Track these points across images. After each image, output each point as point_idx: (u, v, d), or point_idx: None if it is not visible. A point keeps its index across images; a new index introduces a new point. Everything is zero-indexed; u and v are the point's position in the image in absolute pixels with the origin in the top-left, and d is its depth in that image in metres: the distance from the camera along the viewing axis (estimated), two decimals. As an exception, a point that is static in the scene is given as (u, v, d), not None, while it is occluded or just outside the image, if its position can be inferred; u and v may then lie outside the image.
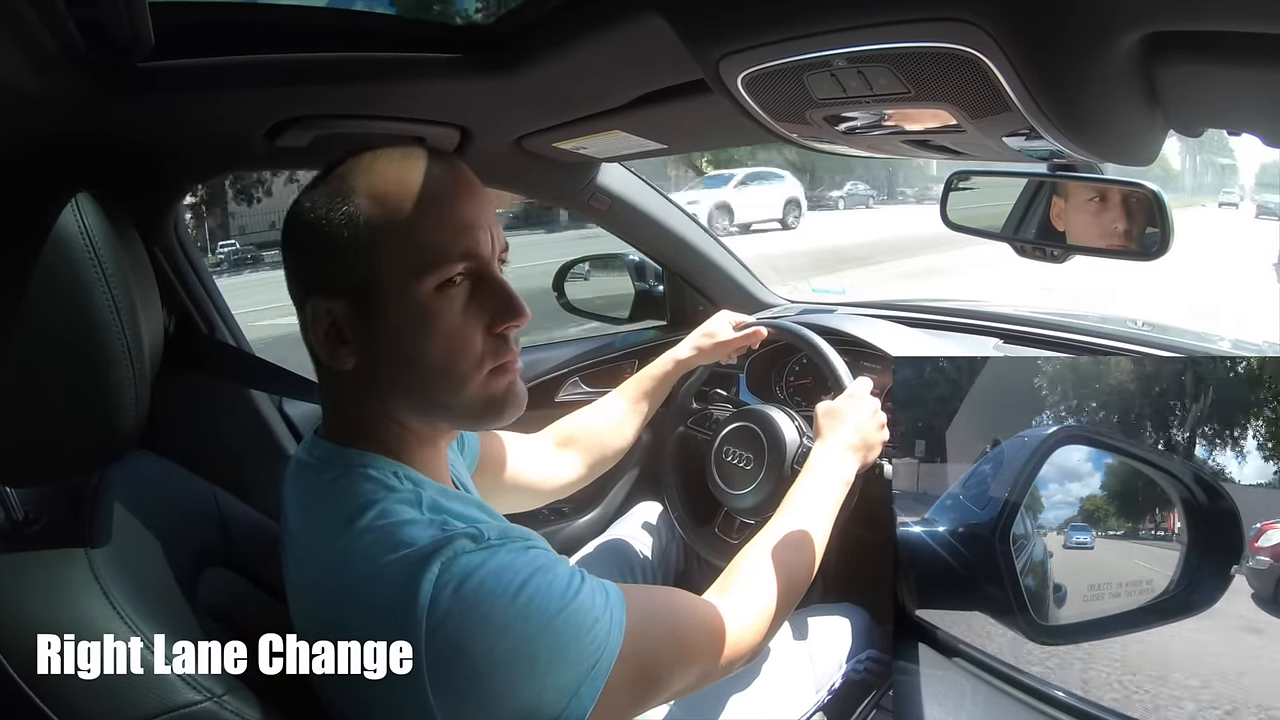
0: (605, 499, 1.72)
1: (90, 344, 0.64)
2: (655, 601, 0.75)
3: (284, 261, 0.71)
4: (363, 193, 0.66)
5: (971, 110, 0.67)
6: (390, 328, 0.66)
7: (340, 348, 0.68)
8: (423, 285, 0.65)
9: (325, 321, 0.67)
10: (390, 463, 0.69)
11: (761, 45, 0.68)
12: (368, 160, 0.68)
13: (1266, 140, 0.73)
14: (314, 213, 0.67)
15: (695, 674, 0.75)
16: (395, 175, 0.67)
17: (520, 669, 0.60)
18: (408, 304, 0.66)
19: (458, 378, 0.68)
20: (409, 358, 0.67)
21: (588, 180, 1.47)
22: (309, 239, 0.67)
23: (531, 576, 0.62)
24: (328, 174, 0.69)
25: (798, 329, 1.30)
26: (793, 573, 0.89)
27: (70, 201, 0.63)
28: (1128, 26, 0.54)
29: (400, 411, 0.70)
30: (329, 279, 0.67)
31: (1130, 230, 0.97)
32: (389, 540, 0.62)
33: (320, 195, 0.67)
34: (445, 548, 0.60)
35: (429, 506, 0.66)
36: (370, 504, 0.64)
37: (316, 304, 0.67)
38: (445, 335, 0.67)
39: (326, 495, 0.68)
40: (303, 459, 0.73)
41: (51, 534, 0.65)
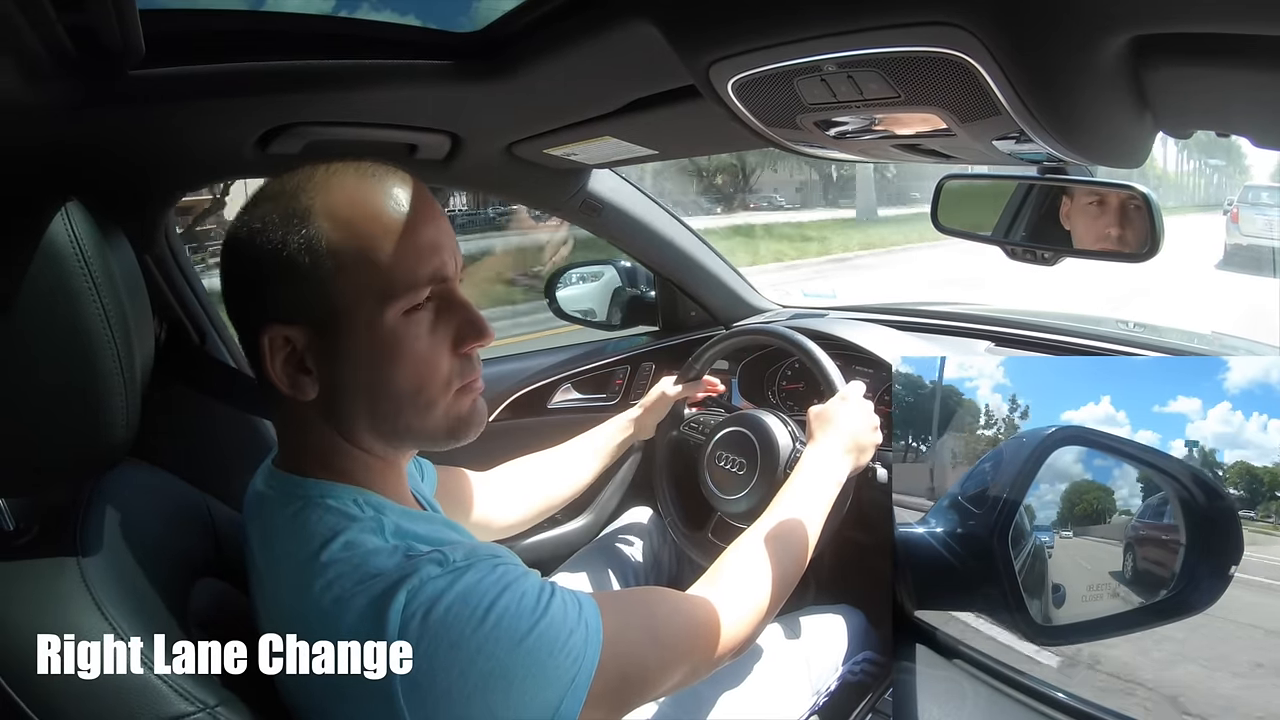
0: (597, 504, 1.72)
1: (81, 353, 0.63)
2: (631, 605, 0.75)
3: (228, 288, 0.67)
4: (321, 214, 0.63)
5: (961, 114, 0.67)
6: (356, 355, 0.65)
7: (302, 377, 0.66)
8: (391, 311, 0.64)
9: (284, 351, 0.65)
10: (351, 489, 0.67)
11: (751, 51, 0.68)
12: (321, 178, 0.65)
13: (1256, 141, 0.73)
14: (265, 236, 0.63)
15: (681, 671, 0.75)
16: (355, 196, 0.64)
17: (496, 694, 0.59)
18: (375, 330, 0.64)
19: (425, 401, 0.68)
20: (376, 384, 0.66)
21: (579, 186, 1.47)
22: (262, 266, 0.64)
23: (499, 597, 0.61)
24: (274, 193, 0.66)
25: (790, 334, 1.30)
26: (782, 567, 0.89)
27: (60, 210, 0.62)
28: (1115, 29, 0.54)
29: (364, 438, 0.69)
30: (288, 308, 0.64)
31: (1122, 232, 0.97)
32: (354, 572, 0.61)
33: (271, 217, 0.64)
34: (411, 576, 0.59)
35: (393, 532, 0.64)
36: (333, 536, 0.63)
37: (274, 334, 0.64)
38: (413, 360, 0.66)
39: (288, 530, 0.66)
40: (261, 491, 0.72)
41: (42, 544, 0.65)
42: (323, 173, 0.66)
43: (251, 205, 0.66)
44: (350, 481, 0.68)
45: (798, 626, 1.20)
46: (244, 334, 0.67)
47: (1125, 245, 0.97)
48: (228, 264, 0.66)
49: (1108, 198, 0.97)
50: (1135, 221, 0.96)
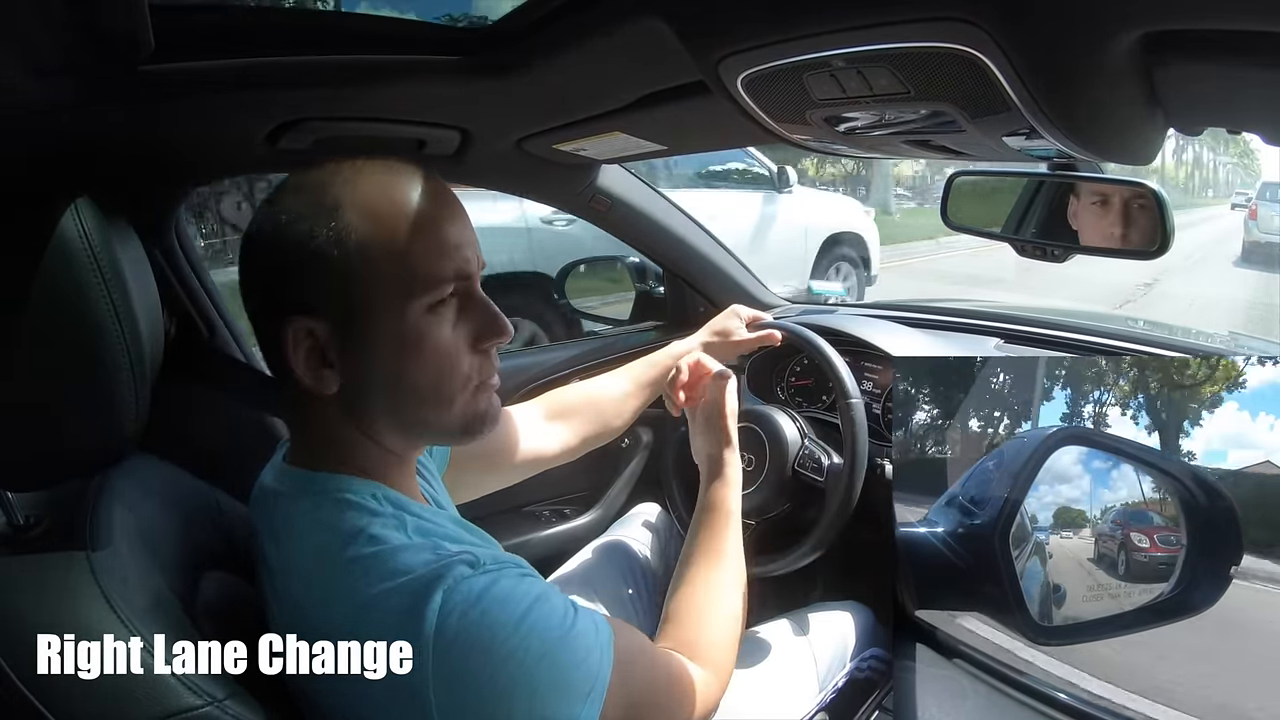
0: (605, 500, 1.72)
1: (90, 347, 0.63)
2: (639, 638, 0.75)
3: (249, 280, 0.67)
4: (351, 208, 0.63)
5: (971, 110, 0.67)
6: (380, 349, 0.65)
7: (324, 370, 0.65)
8: (416, 306, 0.65)
9: (306, 343, 0.64)
10: (367, 484, 0.67)
11: (761, 46, 0.68)
12: (349, 173, 0.65)
13: (1267, 139, 0.73)
14: (293, 228, 0.63)
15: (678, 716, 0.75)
16: (385, 193, 0.65)
17: (520, 701, 0.59)
18: (399, 325, 0.65)
19: (445, 397, 0.68)
20: (397, 378, 0.66)
21: (588, 182, 1.47)
22: (288, 258, 0.63)
23: (533, 606, 0.61)
24: (301, 185, 0.66)
25: (807, 334, 1.30)
26: (736, 620, 0.88)
27: (70, 206, 0.63)
28: (1126, 26, 0.54)
29: (382, 432, 0.69)
30: (314, 300, 0.64)
31: (1130, 229, 0.97)
32: (382, 568, 0.61)
33: (298, 209, 0.64)
34: (446, 575, 0.60)
35: (414, 530, 0.65)
36: (355, 532, 0.63)
37: (297, 325, 0.64)
38: (435, 355, 0.66)
39: (305, 525, 0.66)
40: (272, 486, 0.71)
41: (52, 537, 0.65)
42: (350, 168, 0.66)
43: (276, 198, 0.66)
44: (365, 475, 0.68)
45: (805, 623, 1.20)
46: (264, 326, 0.67)
47: (1134, 242, 0.97)
48: (251, 255, 0.66)
49: (1117, 194, 0.97)
50: (1144, 218, 0.95)
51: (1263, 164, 21.51)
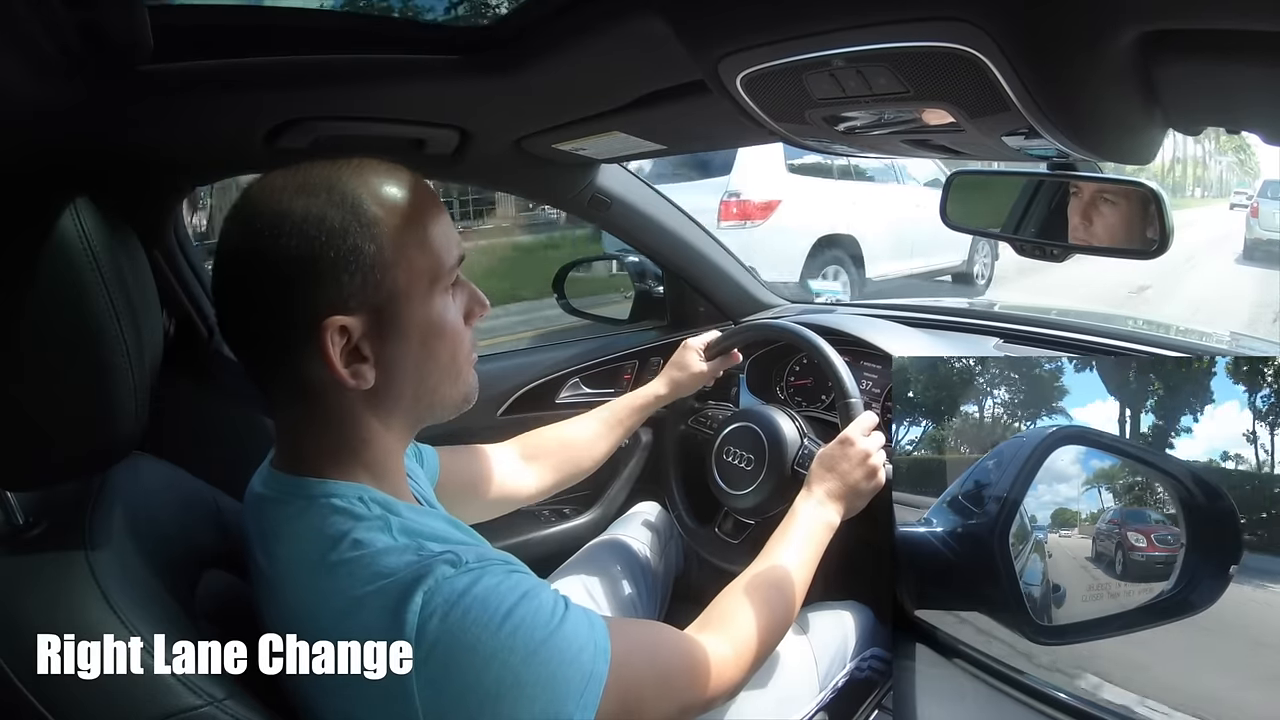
0: (605, 498, 1.72)
1: (89, 348, 0.63)
2: (638, 635, 0.75)
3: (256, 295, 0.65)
4: (373, 203, 0.65)
5: (971, 109, 0.67)
6: (411, 336, 0.68)
7: (361, 366, 0.66)
8: (437, 291, 0.69)
9: (342, 341, 0.64)
10: (356, 487, 0.67)
11: (760, 45, 0.68)
12: (353, 171, 0.66)
13: (1266, 138, 0.73)
14: (320, 226, 0.62)
15: (675, 708, 0.74)
16: (397, 187, 0.67)
17: (507, 701, 0.59)
18: (426, 310, 0.69)
19: (456, 373, 0.73)
20: (425, 361, 0.70)
21: (587, 181, 1.47)
22: (319, 258, 0.62)
23: (518, 604, 0.61)
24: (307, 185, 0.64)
25: (807, 334, 1.30)
26: (774, 616, 0.89)
27: (69, 206, 0.63)
28: (1125, 25, 0.54)
29: (397, 420, 0.71)
30: (350, 297, 0.64)
31: (1129, 229, 0.97)
32: (365, 571, 0.61)
33: (319, 209, 0.63)
34: (426, 576, 0.60)
35: (400, 530, 0.64)
36: (340, 535, 0.63)
37: (333, 325, 0.63)
38: (452, 334, 0.71)
39: (292, 530, 0.66)
40: (260, 492, 0.72)
41: (51, 537, 0.65)
42: (350, 166, 0.67)
43: (270, 207, 0.64)
44: (353, 478, 0.68)
45: (806, 622, 1.20)
46: (283, 337, 0.65)
47: (1133, 241, 0.97)
48: (259, 270, 0.64)
49: (1116, 194, 0.97)
50: (1143, 218, 0.95)
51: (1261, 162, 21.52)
